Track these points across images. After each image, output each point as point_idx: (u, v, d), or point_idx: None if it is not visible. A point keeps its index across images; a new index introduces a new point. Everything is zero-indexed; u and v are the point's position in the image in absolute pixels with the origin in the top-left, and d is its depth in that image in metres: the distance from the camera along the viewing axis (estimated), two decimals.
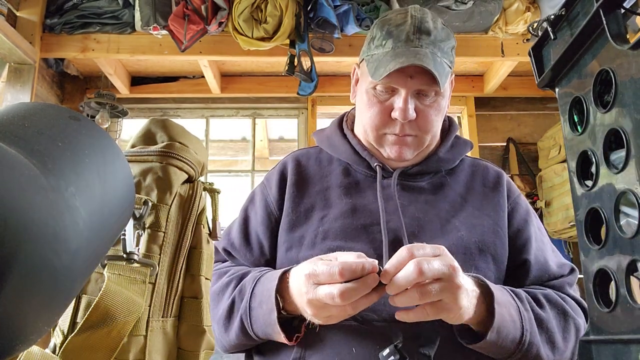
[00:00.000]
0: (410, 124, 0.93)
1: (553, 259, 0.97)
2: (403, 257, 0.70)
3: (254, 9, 2.47)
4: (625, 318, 0.37)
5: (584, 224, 0.43)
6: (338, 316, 0.73)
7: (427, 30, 0.91)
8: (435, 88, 0.92)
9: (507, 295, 0.81)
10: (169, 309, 0.55)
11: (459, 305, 0.70)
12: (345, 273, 0.68)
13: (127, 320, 0.47)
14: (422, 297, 0.68)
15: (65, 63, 2.95)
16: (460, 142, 1.05)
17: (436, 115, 0.95)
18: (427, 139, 0.97)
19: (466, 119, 3.23)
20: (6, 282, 0.24)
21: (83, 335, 0.45)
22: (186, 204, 0.59)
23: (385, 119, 0.94)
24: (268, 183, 1.03)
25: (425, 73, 0.90)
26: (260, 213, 0.99)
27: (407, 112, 0.90)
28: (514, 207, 0.98)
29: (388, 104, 0.93)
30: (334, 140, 1.05)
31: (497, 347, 0.77)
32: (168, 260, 0.55)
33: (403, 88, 0.91)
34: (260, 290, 0.83)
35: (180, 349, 0.57)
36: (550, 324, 0.83)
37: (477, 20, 2.58)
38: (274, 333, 0.80)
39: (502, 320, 0.76)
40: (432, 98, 0.94)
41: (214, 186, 0.65)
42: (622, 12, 0.40)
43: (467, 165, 1.04)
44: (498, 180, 1.01)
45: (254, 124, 3.33)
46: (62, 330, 0.50)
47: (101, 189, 0.33)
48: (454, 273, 0.70)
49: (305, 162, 1.04)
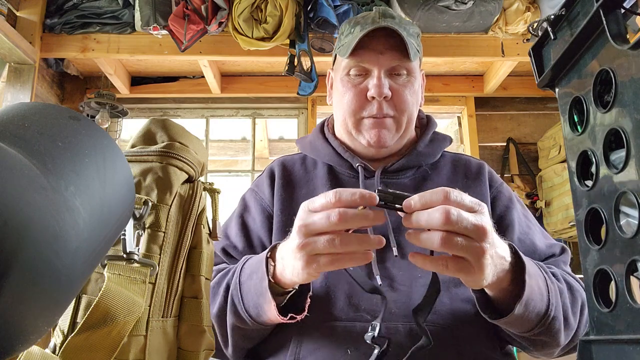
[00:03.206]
0: (386, 103, 0.95)
1: (542, 240, 0.97)
2: (437, 196, 0.61)
3: (254, 9, 2.47)
4: (625, 318, 0.37)
5: (584, 224, 0.43)
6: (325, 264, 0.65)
7: (391, 15, 0.98)
8: (406, 64, 0.96)
9: (535, 266, 0.76)
10: (169, 309, 0.55)
11: (481, 270, 0.62)
12: (342, 197, 0.63)
13: (127, 320, 0.47)
14: (444, 245, 0.60)
15: (65, 63, 2.95)
16: (439, 137, 1.07)
17: (411, 95, 0.98)
18: (404, 120, 0.98)
19: (466, 119, 3.23)
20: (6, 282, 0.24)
21: (83, 335, 0.45)
22: (186, 204, 0.59)
23: (361, 101, 0.96)
24: (259, 188, 1.04)
25: (395, 49, 0.94)
26: (258, 218, 0.99)
27: (382, 88, 0.93)
28: (496, 195, 0.99)
29: (363, 86, 0.96)
30: (316, 145, 1.07)
31: (522, 320, 0.72)
32: (168, 260, 0.55)
33: (375, 66, 0.95)
34: (250, 264, 0.82)
35: (180, 349, 0.57)
36: (565, 299, 0.80)
37: (477, 20, 2.58)
38: (265, 303, 0.75)
39: (532, 292, 0.71)
40: (405, 78, 0.97)
41: (214, 186, 0.65)
42: (622, 12, 0.40)
43: (448, 160, 1.05)
44: (480, 170, 1.03)
45: (254, 124, 3.33)
46: (62, 330, 0.50)
47: (101, 189, 0.33)
48: (483, 235, 0.61)
49: (290, 167, 1.05)
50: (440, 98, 3.23)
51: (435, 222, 0.59)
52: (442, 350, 0.77)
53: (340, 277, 0.86)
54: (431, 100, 3.23)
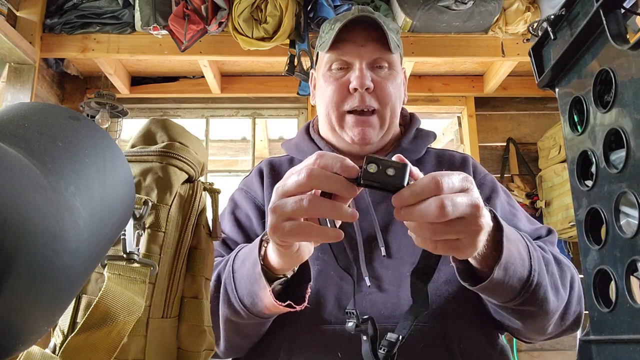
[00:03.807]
0: (369, 95, 0.94)
1: (527, 225, 0.96)
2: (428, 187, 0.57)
3: (254, 9, 2.47)
4: (625, 318, 0.37)
5: (584, 224, 0.43)
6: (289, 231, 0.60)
7: (371, 11, 0.98)
8: (387, 56, 0.96)
9: (515, 233, 0.74)
10: (169, 309, 0.55)
11: (475, 246, 0.60)
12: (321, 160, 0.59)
13: (127, 321, 0.47)
14: (435, 234, 0.58)
15: (65, 63, 2.95)
16: (423, 133, 1.06)
17: (393, 88, 0.97)
18: (387, 114, 0.97)
19: (466, 119, 3.23)
20: (6, 282, 0.24)
21: (83, 335, 0.45)
22: (186, 204, 0.59)
23: (343, 93, 0.96)
24: (249, 187, 1.03)
25: (376, 41, 0.95)
26: (253, 215, 0.98)
27: (364, 79, 0.93)
28: (480, 185, 0.97)
29: (345, 79, 0.96)
30: (302, 146, 1.06)
31: (503, 286, 0.70)
32: (168, 260, 0.55)
33: (356, 59, 0.95)
34: (243, 252, 0.79)
35: (181, 349, 0.57)
36: (552, 268, 0.79)
37: (477, 20, 2.58)
38: (259, 290, 0.72)
39: (510, 256, 0.68)
40: (387, 71, 0.97)
41: (214, 186, 0.65)
42: (622, 12, 0.40)
43: (432, 156, 1.05)
44: (464, 163, 1.03)
45: (254, 124, 3.33)
46: (62, 330, 0.50)
47: (101, 189, 0.33)
48: (477, 213, 0.58)
49: (278, 168, 1.04)
50: (440, 98, 3.23)
51: (430, 216, 0.55)
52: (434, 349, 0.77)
53: (329, 280, 0.85)
54: (431, 100, 3.23)
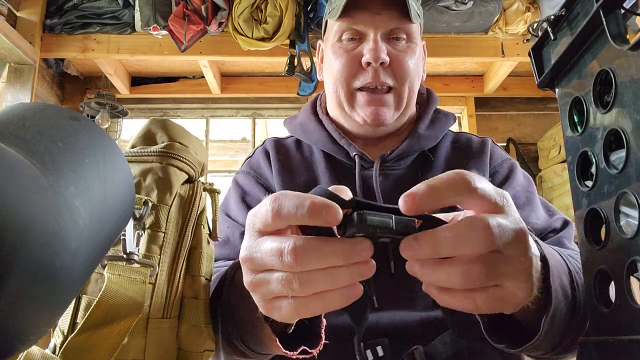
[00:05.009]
0: (384, 70, 0.82)
1: (542, 215, 0.84)
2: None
3: (254, 9, 2.47)
4: (625, 318, 0.37)
5: (584, 224, 0.42)
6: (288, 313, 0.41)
7: None
8: (406, 26, 0.83)
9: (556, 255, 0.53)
10: (169, 309, 0.55)
11: (523, 292, 0.41)
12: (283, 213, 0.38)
13: (127, 321, 0.47)
14: (468, 281, 0.38)
15: (65, 63, 2.95)
16: (441, 117, 0.94)
17: (412, 63, 0.84)
18: (405, 93, 0.85)
19: (466, 119, 3.23)
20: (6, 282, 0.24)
21: (83, 336, 0.45)
22: (186, 204, 0.59)
23: (355, 68, 0.83)
24: (254, 169, 0.91)
25: (393, 8, 0.82)
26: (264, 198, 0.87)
27: (379, 52, 0.80)
28: (494, 173, 0.89)
29: (356, 51, 0.83)
30: (308, 127, 0.93)
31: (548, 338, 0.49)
32: (168, 261, 0.55)
33: (370, 29, 0.82)
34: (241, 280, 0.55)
35: (180, 349, 0.57)
36: None
37: (477, 20, 2.58)
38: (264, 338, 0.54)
39: (557, 301, 0.47)
40: (405, 43, 0.84)
41: (214, 186, 0.65)
42: (622, 12, 0.40)
43: (449, 141, 0.93)
44: (481, 149, 0.91)
45: (254, 124, 3.34)
46: (62, 331, 0.50)
47: (101, 189, 0.33)
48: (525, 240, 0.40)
49: (286, 150, 0.92)
50: (440, 98, 3.23)
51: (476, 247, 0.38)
52: None
53: None
54: None
